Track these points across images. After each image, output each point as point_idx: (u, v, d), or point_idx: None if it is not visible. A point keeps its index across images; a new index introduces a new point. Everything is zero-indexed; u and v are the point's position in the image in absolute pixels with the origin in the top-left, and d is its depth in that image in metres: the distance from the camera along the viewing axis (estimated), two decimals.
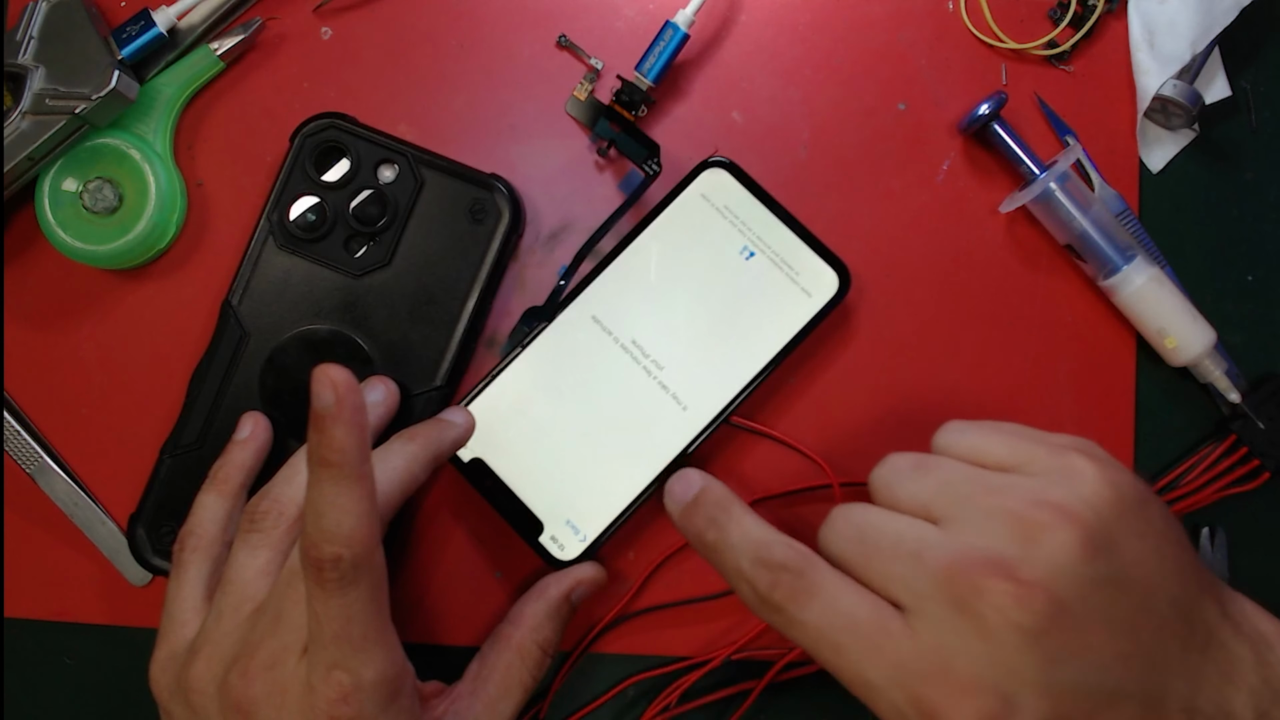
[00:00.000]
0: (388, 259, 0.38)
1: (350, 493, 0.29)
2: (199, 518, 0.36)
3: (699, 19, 0.39)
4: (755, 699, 0.39)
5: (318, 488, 0.29)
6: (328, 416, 0.29)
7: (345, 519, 0.29)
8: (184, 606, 0.34)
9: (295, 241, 0.38)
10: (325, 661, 0.30)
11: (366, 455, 0.30)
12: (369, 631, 0.30)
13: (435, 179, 0.38)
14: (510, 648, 0.36)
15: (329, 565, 0.29)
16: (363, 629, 0.30)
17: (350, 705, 0.30)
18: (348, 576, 0.29)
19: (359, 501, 0.29)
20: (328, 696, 0.30)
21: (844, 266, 0.38)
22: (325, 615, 0.29)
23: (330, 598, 0.29)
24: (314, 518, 0.29)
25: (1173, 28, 0.39)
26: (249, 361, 0.38)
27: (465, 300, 0.38)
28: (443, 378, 0.38)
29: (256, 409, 0.38)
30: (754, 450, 0.40)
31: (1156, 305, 0.38)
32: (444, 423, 0.36)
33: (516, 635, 0.36)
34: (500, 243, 0.38)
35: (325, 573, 0.29)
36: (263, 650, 0.31)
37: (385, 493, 0.33)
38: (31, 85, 0.36)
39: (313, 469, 0.29)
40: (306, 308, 0.38)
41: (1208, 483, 0.39)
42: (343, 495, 0.29)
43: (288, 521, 0.34)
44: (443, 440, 0.36)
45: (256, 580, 0.33)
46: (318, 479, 0.29)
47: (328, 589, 0.29)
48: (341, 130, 0.38)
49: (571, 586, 0.37)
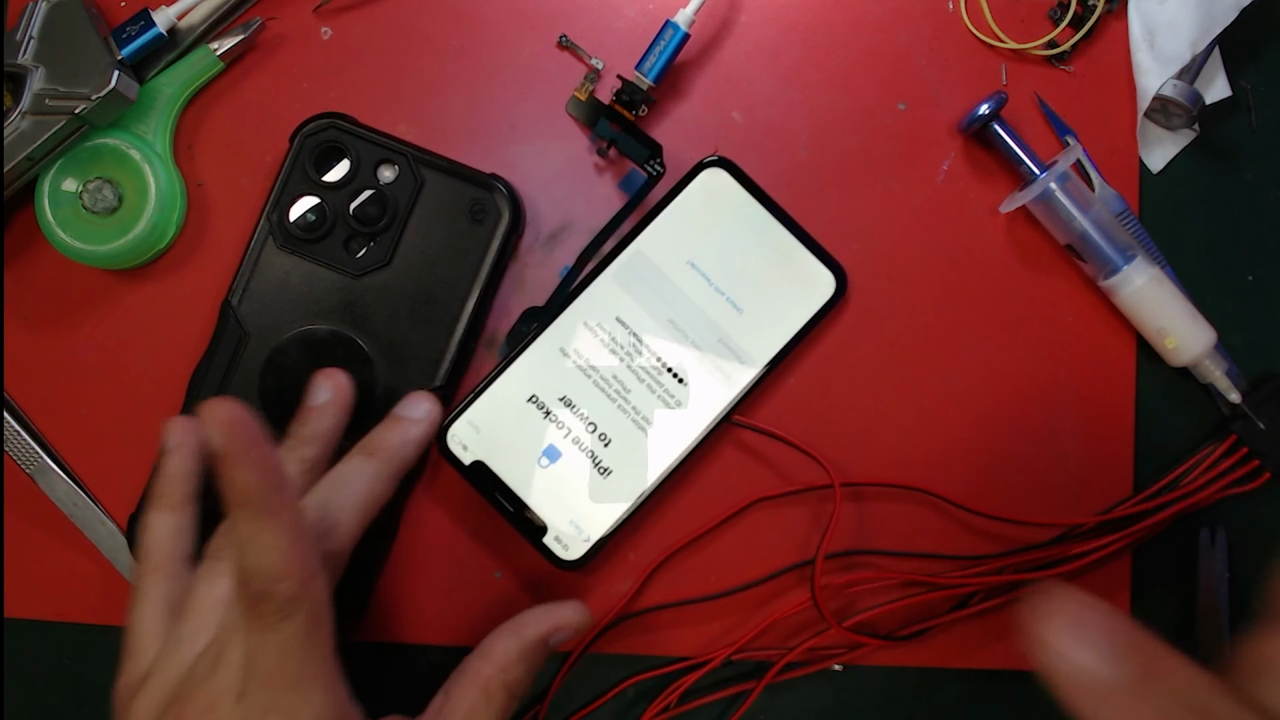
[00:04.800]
0: (388, 259, 0.38)
1: (268, 528, 0.28)
2: (146, 540, 0.34)
3: (699, 19, 0.39)
4: (755, 699, 0.39)
5: (237, 526, 0.29)
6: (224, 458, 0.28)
7: (268, 554, 0.28)
8: (142, 633, 0.33)
9: (295, 242, 0.38)
10: (260, 704, 0.28)
11: (280, 485, 0.29)
12: (306, 670, 0.29)
13: (435, 179, 0.38)
14: (476, 686, 0.33)
15: (261, 600, 0.28)
16: (299, 667, 0.29)
17: None
18: (281, 611, 0.28)
19: (279, 535, 0.28)
20: None
21: (841, 268, 0.39)
22: (259, 653, 0.28)
23: (265, 633, 0.28)
24: (240, 555, 0.28)
25: (1173, 28, 0.39)
26: (249, 361, 0.38)
27: (465, 300, 0.38)
28: (442, 378, 0.38)
29: (256, 409, 0.38)
30: (755, 449, 0.40)
31: (1156, 305, 0.38)
32: (404, 423, 0.35)
33: (485, 672, 0.33)
34: (500, 243, 0.38)
35: (258, 607, 0.28)
36: (200, 693, 0.29)
37: (344, 521, 0.32)
38: (31, 85, 0.36)
39: (228, 509, 0.29)
40: (306, 308, 0.38)
41: (1208, 483, 0.39)
42: (262, 532, 0.28)
43: None
44: (406, 446, 0.35)
45: (213, 611, 0.31)
46: (234, 517, 0.29)
47: (262, 624, 0.28)
48: (341, 130, 0.38)
49: (551, 630, 0.34)
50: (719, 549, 0.40)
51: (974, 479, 0.40)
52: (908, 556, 0.40)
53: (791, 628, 0.39)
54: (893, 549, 0.40)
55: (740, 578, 0.39)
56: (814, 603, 0.37)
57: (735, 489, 0.39)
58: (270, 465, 0.29)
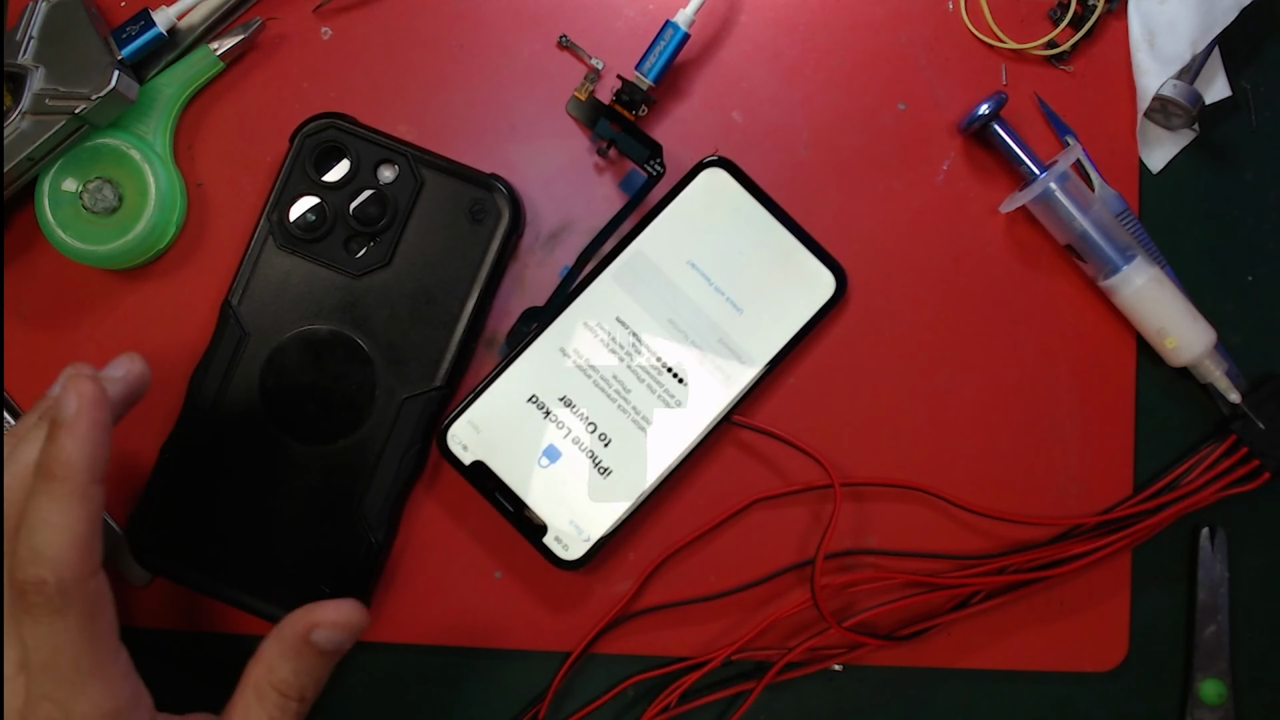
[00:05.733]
0: (388, 259, 0.38)
1: (68, 512, 0.28)
2: None
3: (699, 19, 0.39)
4: (755, 699, 0.39)
5: (36, 501, 0.28)
6: (64, 425, 0.28)
7: (57, 540, 0.27)
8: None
9: (295, 241, 0.38)
10: (36, 692, 0.28)
11: (97, 478, 0.28)
12: (80, 663, 0.28)
13: (435, 179, 0.38)
14: (248, 687, 0.32)
15: (33, 589, 0.27)
16: (73, 660, 0.28)
17: None
18: (53, 604, 0.27)
19: (76, 523, 0.28)
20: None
21: (840, 268, 0.39)
22: (33, 643, 0.28)
23: (37, 625, 0.28)
24: (25, 534, 0.28)
25: (1173, 28, 0.39)
26: (249, 361, 0.38)
27: (465, 300, 0.38)
28: (442, 378, 0.38)
29: (256, 409, 0.38)
30: (755, 449, 0.40)
31: (1156, 305, 0.38)
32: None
33: (254, 674, 0.32)
34: (500, 243, 0.38)
35: (29, 597, 0.27)
36: None
37: (68, 563, 0.28)
38: (31, 85, 0.36)
39: (36, 480, 0.28)
40: (306, 308, 0.38)
41: (1208, 483, 0.39)
42: (59, 514, 0.27)
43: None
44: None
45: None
46: (37, 492, 0.28)
47: (34, 615, 0.28)
48: (341, 130, 0.38)
49: (308, 627, 0.31)
50: (719, 549, 0.40)
51: (974, 479, 0.40)
52: (908, 556, 0.40)
53: (791, 628, 0.39)
54: (893, 549, 0.40)
55: (740, 578, 0.39)
56: (814, 603, 0.37)
57: (735, 489, 0.39)
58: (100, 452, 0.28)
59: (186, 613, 0.39)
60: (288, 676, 0.31)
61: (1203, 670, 0.40)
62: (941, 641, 0.40)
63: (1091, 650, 0.40)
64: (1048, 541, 0.39)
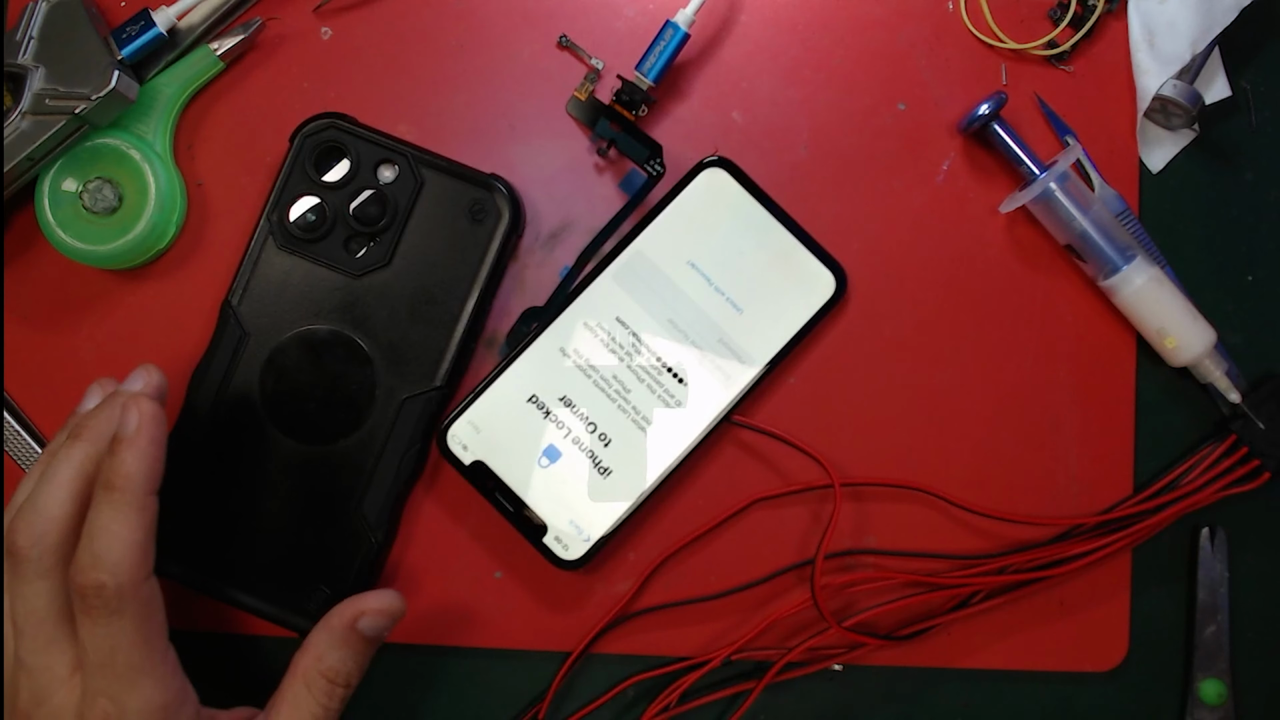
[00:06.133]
0: (388, 259, 0.38)
1: (127, 521, 0.30)
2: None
3: (699, 19, 0.39)
4: (755, 699, 0.39)
5: (97, 511, 0.30)
6: (125, 440, 0.30)
7: (116, 545, 0.30)
8: None
9: (295, 241, 0.38)
10: (92, 689, 0.30)
11: (153, 489, 0.31)
12: (134, 660, 0.30)
13: (435, 179, 0.38)
14: (296, 677, 0.34)
15: (93, 592, 0.30)
16: (127, 658, 0.30)
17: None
18: (111, 605, 0.30)
19: (134, 531, 0.30)
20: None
21: (840, 268, 0.39)
22: (90, 643, 0.30)
23: (96, 626, 0.30)
24: (86, 542, 0.30)
25: (1173, 28, 0.39)
26: (249, 361, 0.38)
27: (465, 300, 0.38)
28: (442, 378, 0.38)
29: (256, 409, 0.38)
30: (755, 449, 0.40)
31: (1156, 305, 0.38)
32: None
33: (302, 664, 0.34)
34: (500, 243, 0.38)
35: (89, 600, 0.30)
36: (24, 691, 0.31)
37: (125, 570, 0.30)
38: (31, 85, 0.36)
39: (98, 493, 0.30)
40: (306, 308, 0.38)
41: (1208, 483, 0.39)
42: (118, 522, 0.30)
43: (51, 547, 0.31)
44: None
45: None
46: (99, 503, 0.30)
47: (93, 617, 0.30)
48: (341, 130, 0.38)
49: (355, 616, 0.34)
50: (719, 549, 0.40)
51: (974, 479, 0.40)
52: (908, 556, 0.40)
53: (791, 628, 0.39)
54: (893, 549, 0.40)
55: (740, 578, 0.39)
56: (814, 603, 0.37)
57: (735, 489, 0.39)
58: (158, 465, 0.31)
59: (186, 612, 0.39)
60: (335, 664, 0.34)
61: (1203, 670, 0.40)
62: (941, 641, 0.40)
63: (1091, 650, 0.40)
64: (1048, 541, 0.39)
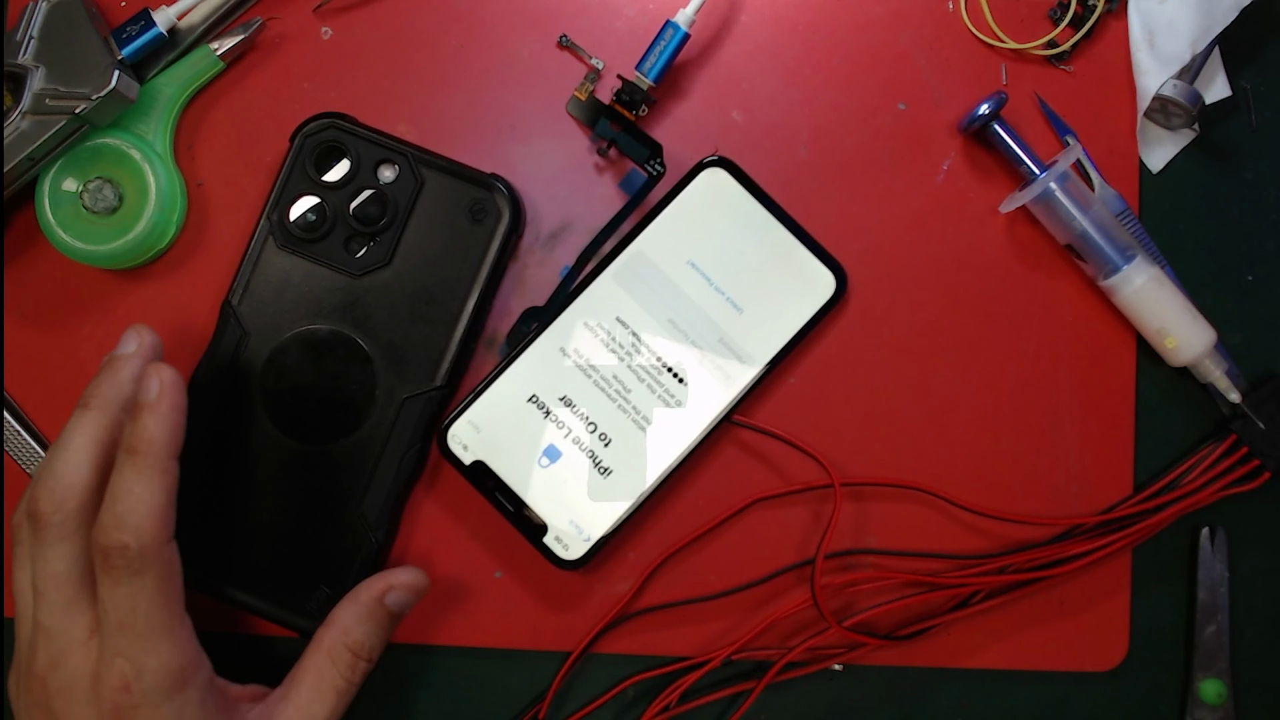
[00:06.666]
0: (388, 259, 0.38)
1: (149, 483, 0.31)
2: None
3: (699, 19, 0.39)
4: (755, 699, 0.39)
5: (120, 474, 0.31)
6: (147, 407, 0.31)
7: (139, 507, 0.30)
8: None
9: (295, 241, 0.38)
10: (110, 649, 0.31)
11: (174, 454, 0.32)
12: (154, 622, 0.31)
13: (435, 179, 0.38)
14: (320, 650, 0.35)
15: (115, 553, 0.30)
16: (147, 619, 0.31)
17: (132, 694, 0.31)
18: (134, 565, 0.30)
19: (156, 494, 0.31)
20: (110, 684, 0.31)
21: (841, 268, 0.39)
22: (111, 603, 0.31)
23: (117, 586, 0.30)
24: (110, 504, 0.31)
25: (1173, 28, 0.39)
26: (249, 361, 0.38)
27: (465, 300, 0.38)
28: (443, 378, 0.38)
29: (257, 409, 0.38)
30: (755, 449, 0.40)
31: (1156, 305, 0.38)
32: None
33: (326, 638, 0.35)
34: (500, 243, 0.38)
35: (112, 560, 0.30)
36: (41, 654, 0.32)
37: (149, 531, 0.31)
38: (31, 85, 0.36)
39: (120, 457, 0.31)
40: (307, 308, 0.38)
41: (1208, 483, 0.39)
42: (140, 484, 0.31)
43: (72, 514, 0.32)
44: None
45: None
46: (122, 466, 0.31)
47: (115, 577, 0.30)
48: (341, 130, 0.38)
49: (383, 590, 0.36)
50: (719, 549, 0.40)
51: (974, 479, 0.40)
52: (908, 556, 0.40)
53: (791, 628, 0.39)
54: (893, 549, 0.40)
55: (740, 578, 0.39)
56: (814, 602, 0.37)
57: (735, 489, 0.39)
58: (179, 431, 0.32)
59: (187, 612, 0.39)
60: (361, 638, 0.35)
61: (1203, 670, 0.40)
62: (941, 641, 0.40)
63: (1091, 650, 0.40)
64: (1048, 541, 0.39)
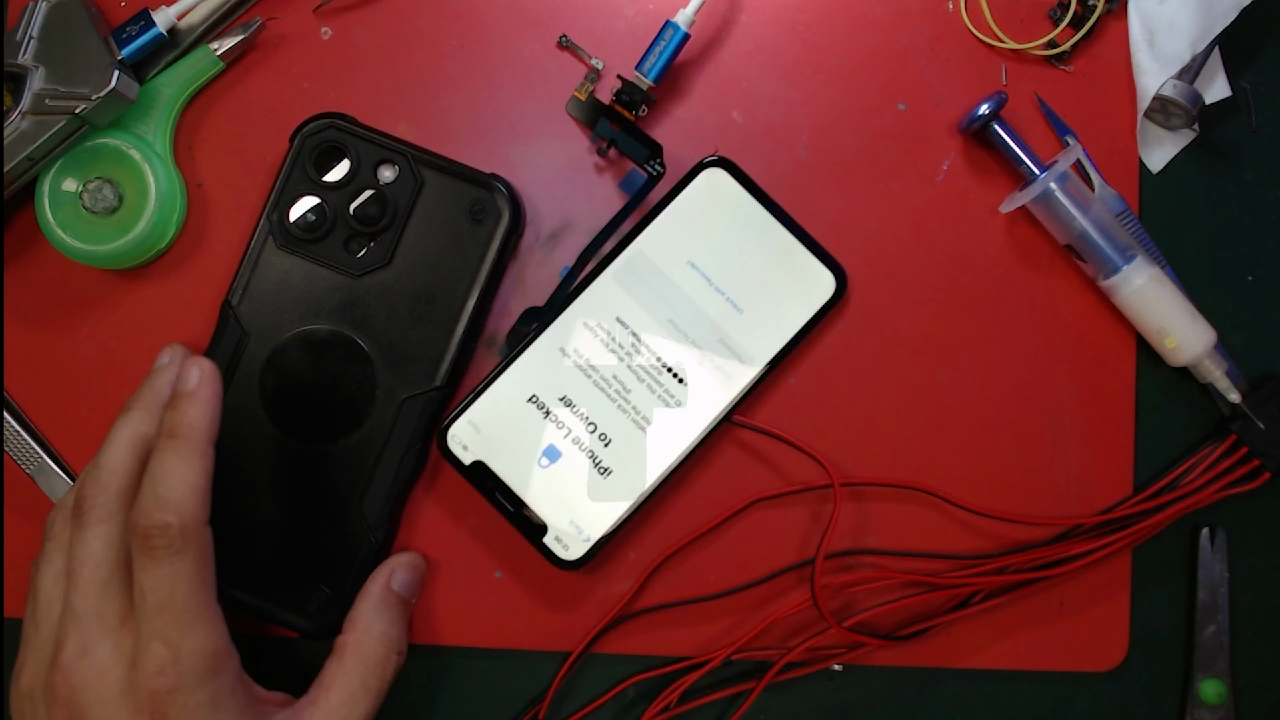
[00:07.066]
0: (388, 259, 0.38)
1: (190, 465, 0.31)
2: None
3: (699, 19, 0.39)
4: (755, 699, 0.39)
5: (160, 457, 0.32)
6: (187, 394, 0.32)
7: (180, 487, 0.31)
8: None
9: (295, 241, 0.38)
10: (146, 633, 0.31)
11: (212, 439, 0.32)
12: (192, 604, 0.31)
13: (435, 179, 0.38)
14: (347, 652, 0.35)
15: (158, 532, 0.31)
16: (185, 600, 0.31)
17: (168, 677, 0.31)
18: (175, 545, 0.31)
19: (197, 475, 0.31)
20: (146, 669, 0.30)
21: (841, 268, 0.39)
22: (150, 585, 0.31)
23: (157, 566, 0.31)
24: (150, 486, 0.31)
25: (1173, 28, 0.39)
26: (249, 361, 0.38)
27: (465, 300, 0.38)
28: (443, 378, 0.38)
29: (257, 409, 0.38)
30: (755, 449, 0.40)
31: (1156, 305, 0.38)
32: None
33: (351, 639, 0.36)
34: (500, 243, 0.38)
35: (153, 539, 0.31)
36: (70, 642, 0.32)
37: (190, 511, 0.32)
38: (31, 85, 0.36)
39: (160, 441, 0.32)
40: (307, 308, 0.38)
41: (1208, 483, 0.39)
42: (182, 466, 0.31)
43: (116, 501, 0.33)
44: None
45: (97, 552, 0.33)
46: (162, 450, 0.32)
47: (156, 557, 0.31)
48: (341, 130, 0.38)
49: (387, 578, 0.37)
50: (719, 549, 0.40)
51: (974, 479, 0.40)
52: (908, 556, 0.40)
53: (791, 628, 0.39)
54: (893, 549, 0.40)
55: (740, 578, 0.39)
56: (814, 602, 0.37)
57: (735, 489, 0.39)
58: (216, 418, 0.33)
59: None
60: (387, 630, 0.36)
61: (1203, 670, 0.40)
62: (941, 641, 0.40)
63: (1091, 650, 0.40)
64: (1048, 541, 0.39)
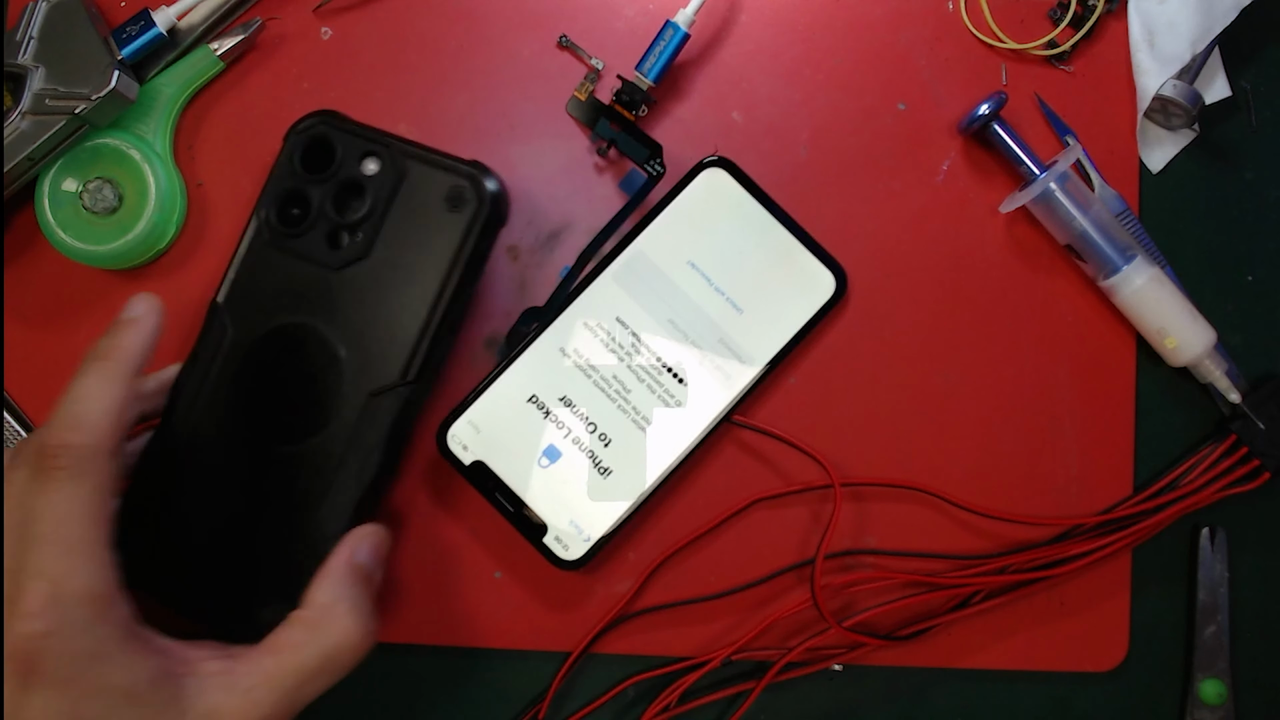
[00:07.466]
0: (367, 251, 0.37)
1: (109, 388, 0.30)
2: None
3: (699, 19, 0.39)
4: (755, 699, 0.39)
5: (80, 377, 0.30)
6: (125, 321, 0.31)
7: (94, 406, 0.29)
8: None
9: (280, 237, 0.37)
10: (29, 569, 0.27)
11: (137, 369, 0.31)
12: (85, 536, 0.28)
13: (416, 169, 0.37)
14: (308, 624, 0.32)
15: (61, 451, 0.28)
16: (78, 531, 0.28)
17: (46, 619, 0.27)
18: (75, 468, 0.28)
19: (113, 400, 0.30)
20: (22, 610, 0.27)
21: (840, 268, 0.39)
22: (40, 512, 0.28)
23: (51, 492, 0.28)
24: (65, 404, 0.29)
25: (1173, 28, 0.39)
26: (230, 358, 0.37)
27: (439, 290, 0.36)
28: (414, 373, 0.36)
29: (235, 409, 0.37)
30: (755, 449, 0.40)
31: (1156, 305, 0.38)
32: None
33: (309, 615, 0.32)
34: (476, 229, 0.36)
35: (56, 458, 0.28)
36: None
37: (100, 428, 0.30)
38: (31, 85, 0.36)
39: (84, 363, 0.30)
40: (286, 303, 0.37)
41: (1208, 483, 0.39)
42: (100, 387, 0.30)
43: None
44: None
45: None
46: (84, 370, 0.30)
47: (55, 477, 0.28)
48: (328, 126, 0.37)
49: (350, 551, 0.34)
50: (719, 549, 0.40)
51: (974, 479, 0.40)
52: (908, 556, 0.40)
53: (791, 628, 0.39)
54: (893, 549, 0.40)
55: (740, 578, 0.39)
56: (814, 603, 0.37)
57: (735, 489, 0.39)
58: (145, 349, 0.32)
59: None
60: (353, 604, 0.33)
61: (1203, 670, 0.40)
62: (941, 641, 0.40)
63: (1091, 650, 0.40)
64: (1048, 541, 0.39)
